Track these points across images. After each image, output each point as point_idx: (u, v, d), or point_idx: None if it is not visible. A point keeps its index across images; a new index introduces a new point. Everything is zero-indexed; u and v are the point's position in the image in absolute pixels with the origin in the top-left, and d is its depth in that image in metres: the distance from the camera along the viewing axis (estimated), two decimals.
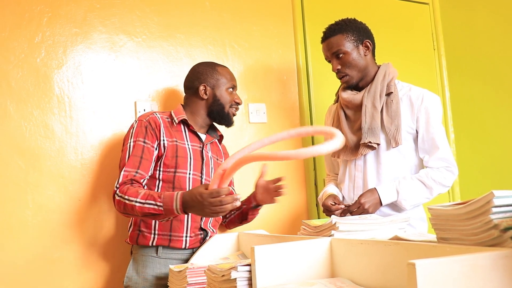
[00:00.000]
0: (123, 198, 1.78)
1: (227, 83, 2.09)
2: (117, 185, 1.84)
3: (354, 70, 2.07)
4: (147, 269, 1.90)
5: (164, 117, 2.02)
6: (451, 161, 2.02)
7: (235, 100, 2.10)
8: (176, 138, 1.98)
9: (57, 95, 2.13)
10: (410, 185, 1.98)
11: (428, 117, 2.02)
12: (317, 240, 1.37)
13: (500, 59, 2.80)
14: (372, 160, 2.07)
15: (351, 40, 2.06)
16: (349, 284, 1.23)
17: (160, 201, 1.73)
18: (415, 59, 3.02)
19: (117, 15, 2.28)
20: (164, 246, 1.91)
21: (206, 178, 2.01)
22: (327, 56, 2.12)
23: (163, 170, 1.94)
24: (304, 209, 2.60)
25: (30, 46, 2.10)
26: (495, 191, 0.94)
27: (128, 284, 1.92)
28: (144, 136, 1.92)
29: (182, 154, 1.96)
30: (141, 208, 1.74)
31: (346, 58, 2.05)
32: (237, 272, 1.31)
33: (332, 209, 1.99)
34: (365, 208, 1.93)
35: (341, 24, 2.09)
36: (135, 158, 1.88)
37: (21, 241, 2.00)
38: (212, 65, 2.13)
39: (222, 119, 2.09)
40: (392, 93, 2.05)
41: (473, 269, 0.85)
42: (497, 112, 2.82)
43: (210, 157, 2.07)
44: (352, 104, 2.10)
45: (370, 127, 2.02)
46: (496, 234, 0.93)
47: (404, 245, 1.12)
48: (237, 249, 1.95)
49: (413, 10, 3.11)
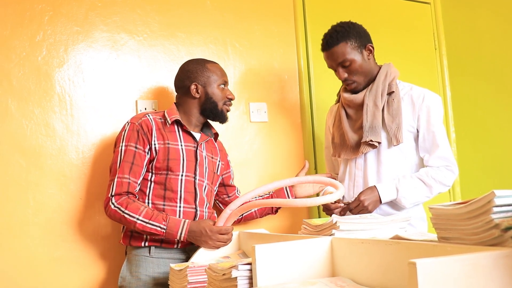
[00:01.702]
0: (121, 211, 1.83)
1: (218, 80, 2.06)
2: (112, 194, 1.86)
3: (361, 76, 2.06)
4: (140, 269, 1.90)
5: (157, 118, 2.01)
6: (451, 160, 2.02)
7: (227, 96, 2.08)
8: (168, 139, 1.97)
9: (58, 93, 2.13)
10: (409, 183, 1.98)
11: (429, 116, 2.02)
12: (318, 240, 1.37)
13: (502, 59, 2.80)
14: (373, 159, 2.07)
15: (354, 47, 2.03)
16: (349, 284, 1.23)
17: (165, 224, 1.82)
18: (416, 58, 3.01)
19: (118, 13, 2.28)
20: (156, 246, 1.91)
21: (199, 178, 2.00)
22: (331, 65, 2.09)
23: (155, 173, 1.95)
24: (305, 209, 2.60)
25: (32, 44, 2.10)
26: (496, 191, 0.94)
27: (122, 284, 1.92)
28: (135, 141, 1.93)
29: (175, 156, 1.95)
30: (143, 227, 1.82)
31: (353, 66, 2.03)
32: (238, 271, 1.31)
33: (332, 207, 1.99)
34: (365, 205, 1.93)
35: (341, 31, 2.04)
36: (127, 164, 1.90)
37: (22, 239, 2.00)
38: (201, 62, 2.09)
39: (216, 116, 2.08)
40: (394, 92, 2.05)
41: (474, 268, 0.85)
42: (498, 111, 2.82)
43: (204, 156, 2.06)
44: (353, 103, 2.10)
45: (371, 125, 2.02)
46: (497, 233, 0.93)
47: (405, 244, 1.12)
48: (238, 248, 1.95)
49: (414, 9, 3.11)
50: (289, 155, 2.61)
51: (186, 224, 1.83)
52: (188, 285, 1.55)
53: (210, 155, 2.10)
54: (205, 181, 2.04)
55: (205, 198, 2.02)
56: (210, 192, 2.07)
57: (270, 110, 2.58)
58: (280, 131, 2.60)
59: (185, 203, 1.95)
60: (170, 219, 1.84)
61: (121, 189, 1.86)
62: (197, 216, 1.97)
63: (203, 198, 2.01)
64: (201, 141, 2.06)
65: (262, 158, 2.53)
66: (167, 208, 1.93)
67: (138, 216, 1.82)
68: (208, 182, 2.06)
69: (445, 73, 3.10)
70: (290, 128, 2.63)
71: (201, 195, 2.00)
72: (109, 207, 1.85)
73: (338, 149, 2.16)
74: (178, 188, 1.95)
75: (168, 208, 1.93)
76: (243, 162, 2.47)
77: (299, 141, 2.64)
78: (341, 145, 2.14)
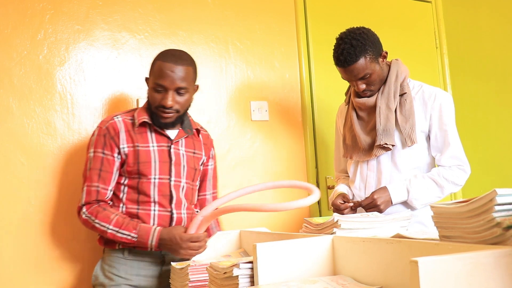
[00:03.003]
0: (92, 220, 1.80)
1: (153, 81, 1.85)
2: (83, 203, 1.82)
3: (378, 84, 2.03)
4: (113, 269, 1.86)
5: (127, 119, 1.90)
6: (463, 159, 2.01)
7: (160, 103, 1.83)
8: (138, 142, 1.86)
9: (59, 92, 2.13)
10: (421, 184, 1.97)
11: (441, 115, 2.01)
12: (319, 238, 1.37)
13: (503, 58, 2.80)
14: (387, 160, 2.04)
15: (372, 59, 1.97)
16: (351, 282, 1.23)
17: (135, 233, 1.77)
18: (417, 57, 3.01)
19: (119, 12, 2.28)
20: (130, 249, 1.86)
21: (175, 179, 1.90)
22: (349, 79, 2.03)
23: (127, 177, 1.87)
24: (306, 207, 2.59)
25: (33, 43, 2.10)
26: (498, 189, 0.93)
27: (95, 283, 1.89)
28: (102, 147, 1.84)
29: (145, 159, 1.85)
30: (114, 236, 1.78)
31: (372, 78, 2.00)
32: (239, 269, 1.31)
33: (341, 207, 1.98)
34: (377, 204, 1.92)
35: (358, 45, 1.94)
36: (95, 171, 1.84)
37: (23, 237, 2.01)
38: (157, 56, 1.89)
39: (157, 121, 1.88)
40: (406, 93, 2.03)
41: (476, 267, 0.84)
42: (499, 110, 2.82)
43: (182, 154, 1.93)
44: (365, 106, 2.07)
45: (384, 128, 2.00)
46: (499, 232, 0.93)
47: (406, 243, 1.12)
48: (239, 246, 1.95)
49: (415, 8, 3.11)
50: (290, 154, 2.61)
51: (156, 232, 1.76)
52: (190, 284, 1.55)
53: (191, 151, 1.98)
54: (182, 181, 1.93)
55: (183, 200, 1.92)
56: (190, 191, 1.97)
57: (271, 108, 2.58)
58: (281, 130, 2.60)
59: (160, 206, 1.87)
60: (141, 227, 1.77)
61: (90, 198, 1.82)
62: (173, 220, 1.88)
63: (180, 199, 1.91)
64: (177, 139, 1.92)
65: (263, 157, 2.53)
66: (141, 212, 1.85)
67: (108, 225, 1.77)
68: (188, 181, 1.95)
69: (446, 72, 3.10)
70: (291, 127, 2.63)
71: (177, 197, 1.90)
72: (81, 216, 1.82)
73: (350, 151, 2.13)
74: (151, 192, 1.86)
75: (142, 212, 1.85)
76: (244, 161, 2.47)
77: (300, 140, 2.64)
78: (353, 147, 2.12)
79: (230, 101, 2.49)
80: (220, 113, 2.46)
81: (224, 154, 2.43)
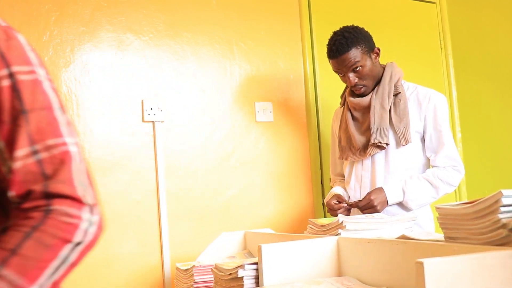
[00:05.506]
0: None
1: None
2: None
3: (370, 80, 2.05)
4: None
5: None
6: (457, 160, 2.02)
7: None
8: None
9: (64, 93, 2.14)
10: (416, 185, 1.98)
11: (435, 116, 2.02)
12: (324, 239, 1.37)
13: (508, 58, 2.79)
14: (381, 160, 2.06)
15: (364, 51, 2.02)
16: (356, 283, 1.23)
17: None
18: (422, 58, 3.01)
19: (124, 13, 2.29)
20: None
21: None
22: (341, 70, 2.06)
23: None
24: (311, 208, 2.60)
25: (38, 44, 2.11)
26: (503, 190, 0.93)
27: None
28: None
29: None
30: None
31: (364, 71, 2.02)
32: (244, 270, 1.31)
33: (335, 208, 1.99)
34: (374, 204, 1.93)
35: (350, 37, 2.01)
36: None
37: None
38: None
39: None
40: (400, 93, 2.05)
41: (481, 268, 0.84)
42: (504, 111, 2.81)
43: None
44: (360, 106, 2.09)
45: (379, 127, 2.02)
46: (505, 233, 0.93)
47: (412, 244, 1.12)
48: (244, 247, 1.95)
49: (420, 9, 3.10)
50: (295, 155, 2.61)
51: None
52: (194, 285, 1.56)
53: None
54: None
55: None
56: None
57: (275, 109, 2.58)
58: (286, 131, 2.60)
59: None
60: None
61: None
62: None
63: None
64: None
65: (267, 158, 2.53)
66: None
67: None
68: None
69: (451, 73, 3.09)
70: (296, 128, 2.63)
71: None
72: None
73: (345, 152, 2.15)
74: None
75: None
76: (248, 161, 2.47)
77: (304, 141, 2.64)
78: (348, 148, 2.14)
79: (235, 102, 2.49)
80: (225, 114, 2.46)
81: (228, 155, 2.43)
